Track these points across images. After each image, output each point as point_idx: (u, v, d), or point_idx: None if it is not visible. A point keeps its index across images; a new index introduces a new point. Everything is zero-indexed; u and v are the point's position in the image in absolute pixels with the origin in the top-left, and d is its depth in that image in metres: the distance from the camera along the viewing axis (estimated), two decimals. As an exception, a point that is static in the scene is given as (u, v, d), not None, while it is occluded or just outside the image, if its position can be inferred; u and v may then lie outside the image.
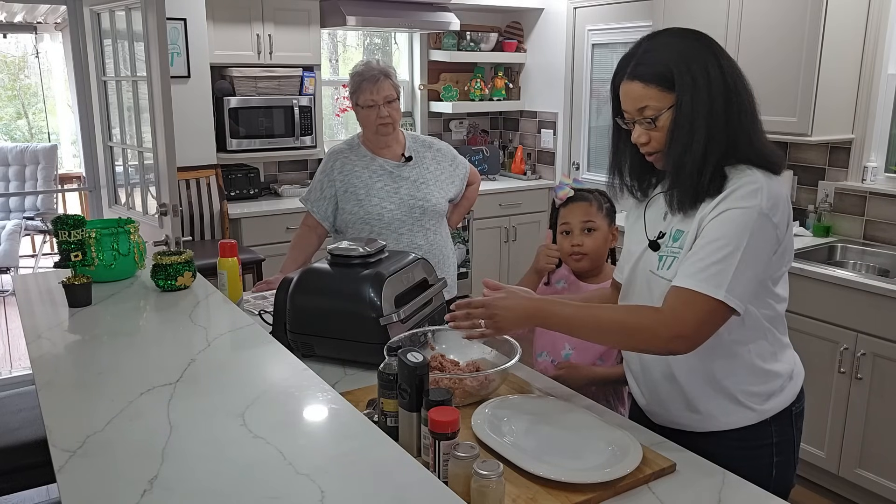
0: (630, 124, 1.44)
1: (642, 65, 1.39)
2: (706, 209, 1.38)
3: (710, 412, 1.50)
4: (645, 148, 1.44)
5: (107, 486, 1.12)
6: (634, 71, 1.40)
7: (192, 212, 4.18)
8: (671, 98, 1.37)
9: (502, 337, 1.77)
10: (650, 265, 1.49)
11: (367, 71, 2.41)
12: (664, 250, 1.46)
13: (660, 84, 1.37)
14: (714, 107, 1.36)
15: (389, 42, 5.35)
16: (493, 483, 1.16)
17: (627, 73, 1.41)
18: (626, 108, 1.43)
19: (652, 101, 1.38)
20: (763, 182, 1.35)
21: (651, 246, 1.50)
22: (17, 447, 2.17)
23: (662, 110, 1.38)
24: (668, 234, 1.47)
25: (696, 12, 3.63)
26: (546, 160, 5.21)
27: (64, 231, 2.00)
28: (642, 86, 1.38)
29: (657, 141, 1.42)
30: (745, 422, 1.49)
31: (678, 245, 1.43)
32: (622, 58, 1.44)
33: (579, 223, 1.94)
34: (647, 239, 1.52)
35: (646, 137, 1.42)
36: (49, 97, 8.30)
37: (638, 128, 1.42)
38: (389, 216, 2.43)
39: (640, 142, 1.43)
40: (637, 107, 1.40)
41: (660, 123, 1.39)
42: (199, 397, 1.44)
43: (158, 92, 3.09)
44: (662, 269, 1.45)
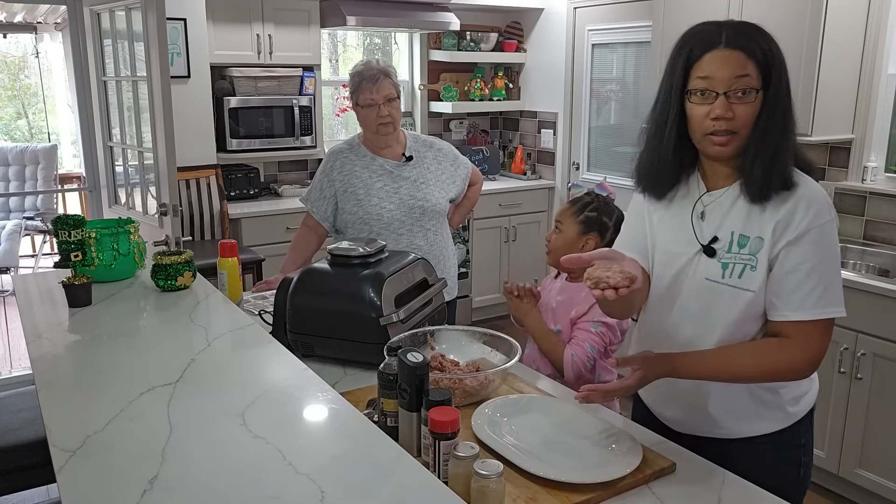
0: (710, 96, 1.34)
1: (743, 36, 1.33)
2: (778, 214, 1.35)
3: (746, 417, 1.48)
4: (724, 124, 1.34)
5: (107, 486, 1.12)
6: (736, 41, 1.33)
7: (192, 212, 4.18)
8: (760, 81, 1.33)
9: (502, 336, 1.78)
10: (707, 273, 1.43)
11: (367, 70, 2.40)
12: (729, 257, 1.40)
13: (759, 63, 1.32)
14: (789, 102, 1.36)
15: (389, 42, 5.35)
16: (493, 483, 1.16)
17: (724, 43, 1.33)
18: (718, 74, 1.33)
19: (751, 73, 1.32)
20: (822, 189, 1.38)
21: (706, 252, 1.43)
22: (17, 447, 2.17)
23: (757, 89, 1.33)
24: (728, 238, 1.41)
25: (696, 12, 3.63)
26: (546, 160, 5.21)
27: (64, 231, 2.00)
28: (744, 56, 1.32)
29: (741, 120, 1.33)
30: (779, 425, 1.48)
31: (748, 252, 1.38)
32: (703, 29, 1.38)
33: (555, 221, 2.03)
34: (700, 244, 1.44)
35: (731, 113, 1.33)
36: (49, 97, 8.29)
37: (723, 101, 1.33)
38: (389, 216, 2.43)
39: (725, 115, 1.33)
40: (737, 73, 1.32)
41: (749, 99, 1.33)
42: (199, 397, 1.44)
43: (158, 92, 3.09)
44: (730, 277, 1.40)
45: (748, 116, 1.34)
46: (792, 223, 1.35)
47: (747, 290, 1.38)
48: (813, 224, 1.34)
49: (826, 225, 1.35)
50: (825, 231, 1.35)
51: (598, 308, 1.89)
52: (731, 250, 1.40)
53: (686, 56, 1.37)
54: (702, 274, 1.43)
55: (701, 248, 1.44)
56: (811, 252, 1.34)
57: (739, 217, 1.40)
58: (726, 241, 1.41)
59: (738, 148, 1.37)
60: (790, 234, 1.35)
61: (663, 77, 1.43)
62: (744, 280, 1.38)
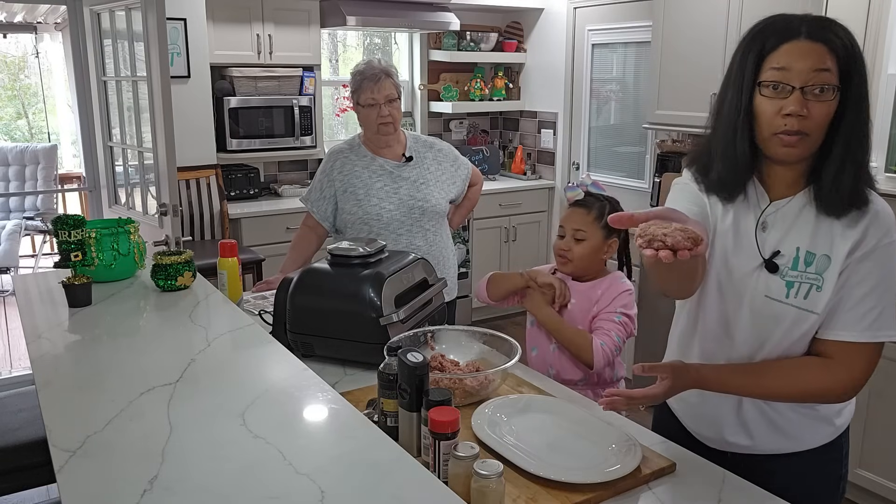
0: (786, 89, 1.23)
1: (826, 29, 1.23)
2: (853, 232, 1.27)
3: (791, 433, 1.42)
4: (796, 122, 1.22)
5: (107, 486, 1.12)
6: (818, 33, 1.22)
7: (192, 212, 4.18)
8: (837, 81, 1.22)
9: (502, 336, 1.78)
10: (768, 290, 1.33)
11: (369, 70, 2.40)
12: (794, 276, 1.31)
13: (840, 59, 1.22)
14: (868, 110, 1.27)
15: (389, 42, 5.35)
16: (493, 483, 1.16)
17: (804, 33, 1.23)
18: (796, 66, 1.22)
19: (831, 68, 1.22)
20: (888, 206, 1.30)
21: (768, 267, 1.33)
22: (17, 447, 2.17)
23: (836, 87, 1.22)
24: (793, 254, 1.31)
25: (696, 12, 3.63)
26: (546, 160, 5.21)
27: (64, 231, 2.00)
28: (826, 50, 1.22)
29: (815, 119, 1.22)
30: (826, 438, 1.43)
31: (814, 271, 1.29)
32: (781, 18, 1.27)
33: (572, 229, 1.94)
34: (762, 258, 1.34)
35: (805, 110, 1.22)
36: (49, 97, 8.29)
37: (798, 96, 1.21)
38: (388, 216, 2.43)
39: (798, 112, 1.21)
40: (817, 66, 1.21)
41: (826, 97, 1.22)
42: (199, 397, 1.44)
43: (158, 92, 3.09)
44: (796, 297, 1.31)
45: (823, 117, 1.23)
46: (863, 241, 1.27)
47: (812, 311, 1.30)
48: (881, 243, 1.27)
49: (892, 245, 1.28)
50: (891, 251, 1.28)
51: (620, 301, 1.89)
52: (796, 268, 1.31)
53: (760, 45, 1.26)
54: (762, 291, 1.34)
55: (763, 262, 1.34)
56: (874, 271, 1.27)
57: (805, 231, 1.30)
58: (790, 256, 1.31)
59: (807, 151, 1.27)
60: (859, 251, 1.27)
61: (730, 70, 1.32)
62: (809, 301, 1.29)
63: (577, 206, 1.97)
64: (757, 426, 1.43)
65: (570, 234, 1.94)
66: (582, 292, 1.95)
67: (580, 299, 1.94)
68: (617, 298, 1.91)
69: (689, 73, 3.71)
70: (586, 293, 1.95)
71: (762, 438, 1.44)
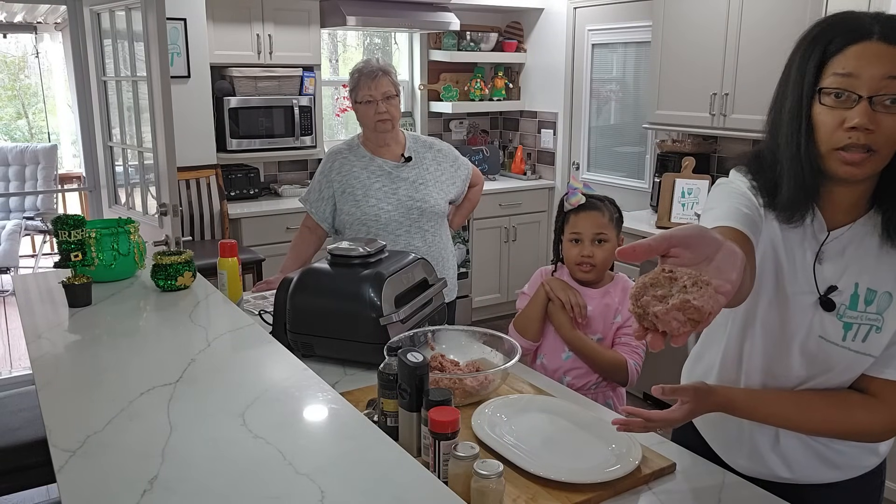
0: (851, 98, 1.07)
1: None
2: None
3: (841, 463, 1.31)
4: (862, 137, 1.06)
5: (107, 486, 1.12)
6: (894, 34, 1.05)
7: (192, 212, 4.18)
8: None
9: (502, 336, 1.78)
10: (823, 330, 1.19)
11: (367, 68, 2.42)
12: (854, 316, 1.17)
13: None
14: None
15: (389, 42, 5.35)
16: (493, 483, 1.16)
17: (877, 34, 1.06)
18: (864, 72, 1.05)
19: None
20: None
21: (824, 305, 1.18)
22: (17, 447, 2.17)
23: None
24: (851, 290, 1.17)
25: (696, 12, 3.63)
26: (546, 160, 5.21)
27: (64, 231, 1.99)
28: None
29: (886, 135, 1.06)
30: (870, 467, 1.33)
31: (875, 310, 1.15)
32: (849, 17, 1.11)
33: (591, 234, 1.90)
34: (818, 293, 1.19)
35: (873, 124, 1.05)
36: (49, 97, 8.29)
37: (865, 107, 1.05)
38: (387, 217, 2.43)
39: (861, 124, 1.05)
40: (891, 73, 1.04)
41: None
42: (199, 397, 1.44)
43: (158, 92, 3.09)
44: (853, 341, 1.17)
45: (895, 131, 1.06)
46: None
47: (869, 355, 1.18)
48: None
49: None
50: None
51: None
52: (856, 307, 1.16)
53: (824, 46, 1.09)
54: (817, 331, 1.20)
55: (819, 297, 1.19)
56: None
57: (867, 264, 1.16)
58: (848, 293, 1.17)
59: (873, 170, 1.10)
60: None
61: (788, 74, 1.17)
62: (868, 345, 1.17)
63: (588, 209, 1.92)
64: (797, 457, 1.33)
65: (589, 238, 1.90)
66: (596, 298, 1.94)
67: (596, 305, 1.93)
68: None
69: (689, 73, 3.71)
70: (601, 299, 1.94)
71: (803, 470, 1.33)
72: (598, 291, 1.95)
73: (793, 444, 1.32)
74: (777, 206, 1.18)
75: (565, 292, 1.90)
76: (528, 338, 1.97)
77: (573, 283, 1.98)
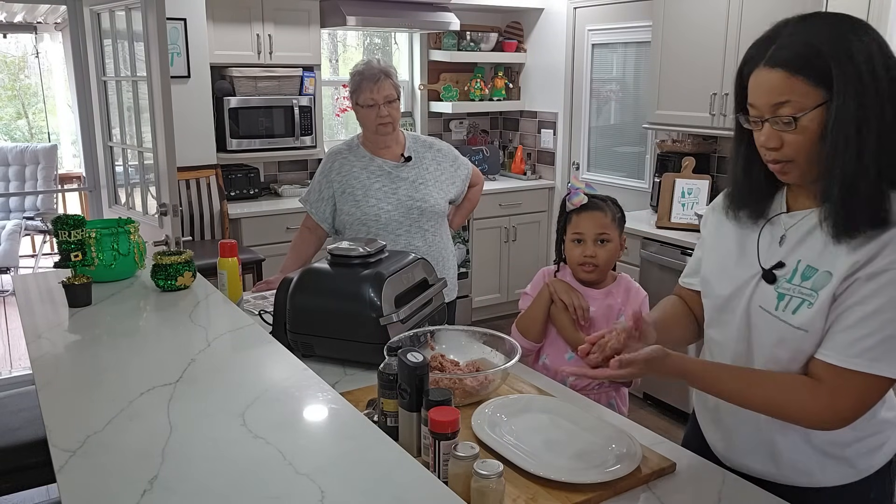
0: (757, 123, 1.18)
1: (787, 48, 1.13)
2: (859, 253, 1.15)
3: (801, 467, 1.32)
4: (772, 154, 1.18)
5: (107, 486, 1.12)
6: (776, 56, 1.14)
7: (192, 212, 4.18)
8: (820, 94, 1.12)
9: (502, 336, 1.78)
10: (762, 300, 1.27)
11: (368, 70, 2.40)
12: (787, 288, 1.23)
13: (809, 75, 1.11)
14: (883, 110, 1.11)
15: (389, 42, 5.35)
16: (493, 483, 1.16)
17: (766, 59, 1.15)
18: (757, 101, 1.17)
19: (795, 95, 1.13)
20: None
21: (765, 277, 1.26)
22: (17, 447, 2.17)
23: (807, 108, 1.12)
24: (793, 267, 1.23)
25: (696, 13, 3.63)
26: (546, 160, 5.21)
27: (64, 231, 2.00)
28: (785, 75, 1.13)
29: (793, 148, 1.16)
30: (843, 480, 1.31)
31: (810, 287, 1.20)
32: (756, 42, 1.19)
33: (593, 234, 1.90)
34: (761, 267, 1.28)
35: (777, 141, 1.16)
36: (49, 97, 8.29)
37: (768, 129, 1.17)
38: (387, 217, 2.42)
39: (768, 146, 1.18)
40: (773, 101, 1.14)
41: (801, 124, 1.13)
42: (199, 397, 1.44)
43: (158, 92, 3.09)
44: (784, 311, 1.23)
45: (800, 143, 1.15)
46: (872, 261, 1.14)
47: (798, 328, 1.21)
48: (892, 266, 1.13)
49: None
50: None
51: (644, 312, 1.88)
52: (791, 280, 1.23)
53: (740, 72, 1.21)
54: (754, 299, 1.28)
55: (761, 271, 1.28)
56: (878, 294, 1.13)
57: (815, 247, 1.22)
58: (790, 268, 1.24)
59: (802, 176, 1.19)
60: (863, 272, 1.15)
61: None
62: (797, 317, 1.21)
63: (591, 209, 1.92)
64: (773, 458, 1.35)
65: (592, 239, 1.90)
66: (599, 299, 1.94)
67: (598, 306, 1.93)
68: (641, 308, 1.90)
69: (689, 73, 3.71)
70: (603, 300, 1.94)
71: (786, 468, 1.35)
72: (601, 292, 1.95)
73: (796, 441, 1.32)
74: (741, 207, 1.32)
75: (568, 294, 1.90)
76: (530, 338, 1.97)
77: (576, 283, 1.97)
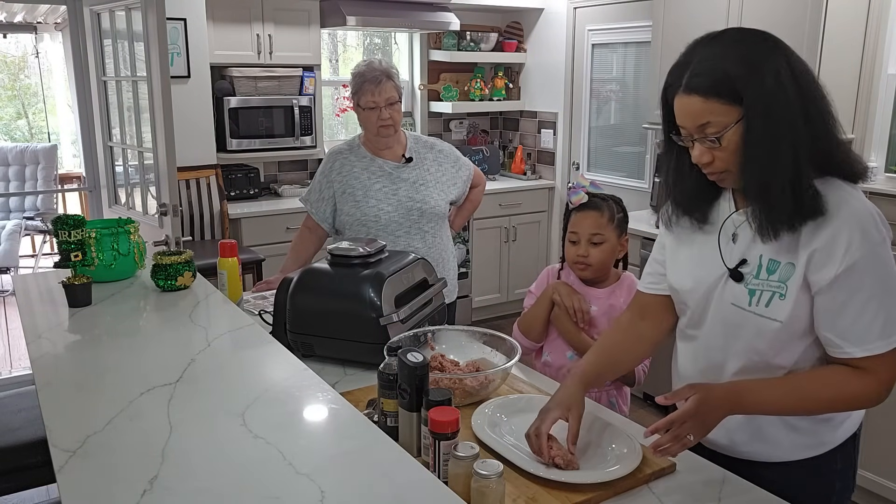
0: (689, 142, 1.27)
1: (699, 75, 1.22)
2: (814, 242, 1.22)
3: (779, 442, 1.39)
4: (708, 168, 1.27)
5: (107, 486, 1.12)
6: (691, 83, 1.22)
7: (192, 212, 4.18)
8: (737, 111, 1.20)
9: (502, 336, 1.78)
10: (734, 298, 1.33)
11: (370, 72, 2.38)
12: (756, 284, 1.30)
13: (723, 96, 1.20)
14: (793, 115, 1.19)
15: (389, 42, 5.35)
16: (493, 483, 1.16)
17: (683, 86, 1.24)
18: (684, 123, 1.26)
19: (714, 115, 1.21)
20: (868, 206, 1.24)
21: (733, 276, 1.33)
22: (17, 447, 2.17)
23: (729, 126, 1.21)
24: (756, 263, 1.30)
25: (696, 12, 3.63)
26: (546, 160, 5.21)
27: (64, 231, 2.00)
28: (701, 100, 1.21)
29: (723, 161, 1.25)
30: (814, 452, 1.39)
31: (777, 279, 1.27)
32: (673, 66, 1.28)
33: (587, 234, 1.90)
34: (726, 267, 1.34)
35: (709, 157, 1.25)
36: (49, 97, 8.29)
37: (699, 146, 1.25)
38: (387, 218, 2.42)
39: (702, 162, 1.26)
40: (697, 123, 1.23)
41: (725, 141, 1.22)
42: (199, 397, 1.44)
43: (158, 92, 3.09)
44: (757, 305, 1.29)
45: (728, 156, 1.24)
46: (835, 253, 1.21)
47: (774, 319, 1.28)
48: (861, 251, 1.20)
49: (876, 248, 1.21)
50: (877, 254, 1.21)
51: None
52: (759, 276, 1.30)
53: (664, 97, 1.30)
54: (725, 298, 1.34)
55: (727, 271, 1.34)
56: (864, 281, 1.21)
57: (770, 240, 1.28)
58: (755, 265, 1.30)
59: (738, 181, 1.28)
60: (836, 266, 1.21)
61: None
62: (771, 309, 1.28)
63: (588, 209, 1.92)
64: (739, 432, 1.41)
65: (585, 239, 1.90)
66: (601, 298, 1.94)
67: (601, 305, 1.93)
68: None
69: (689, 73, 3.70)
70: (605, 299, 1.94)
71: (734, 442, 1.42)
72: (604, 291, 1.95)
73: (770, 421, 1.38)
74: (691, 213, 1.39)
75: (570, 298, 1.90)
76: (531, 338, 1.97)
77: (579, 282, 1.97)
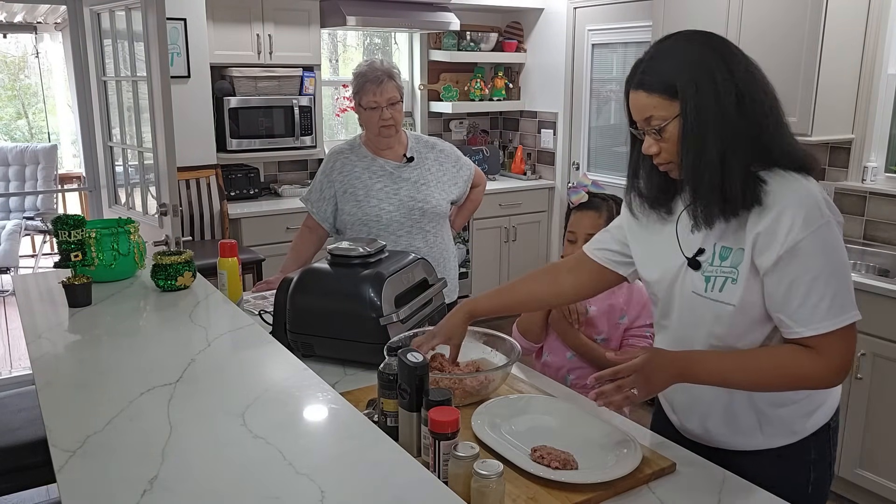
0: (641, 134, 1.38)
1: (647, 73, 1.34)
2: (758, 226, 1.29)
3: (748, 432, 1.44)
4: (657, 159, 1.38)
5: (107, 486, 1.12)
6: (640, 80, 1.35)
7: (192, 212, 4.18)
8: (675, 107, 1.31)
9: (502, 336, 1.78)
10: (692, 286, 1.40)
11: (371, 72, 2.38)
12: (711, 270, 1.37)
13: (663, 93, 1.31)
14: (724, 112, 1.28)
15: (389, 42, 5.35)
16: (493, 483, 1.16)
17: (634, 82, 1.36)
18: (635, 117, 1.37)
19: (657, 110, 1.32)
20: (813, 190, 1.29)
21: (691, 265, 1.40)
22: (17, 447, 2.17)
23: (668, 120, 1.32)
24: (711, 251, 1.37)
25: (696, 12, 3.63)
26: (546, 160, 5.21)
27: (64, 231, 2.00)
28: (646, 95, 1.33)
29: (667, 152, 1.35)
30: (785, 441, 1.44)
31: (729, 264, 1.34)
32: (633, 64, 1.38)
33: (584, 233, 1.90)
34: (685, 257, 1.41)
35: (656, 148, 1.36)
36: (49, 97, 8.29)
37: (648, 138, 1.36)
38: (388, 217, 2.42)
39: (650, 152, 1.37)
40: (643, 116, 1.35)
41: (666, 134, 1.33)
42: (199, 397, 1.44)
43: (158, 92, 3.09)
44: (712, 291, 1.36)
45: (670, 148, 1.34)
46: (777, 236, 1.27)
47: (728, 303, 1.34)
48: (803, 233, 1.26)
49: (820, 230, 1.27)
50: (820, 236, 1.27)
51: (647, 314, 1.91)
52: (713, 263, 1.37)
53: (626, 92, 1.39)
54: (686, 286, 1.41)
55: (686, 260, 1.40)
56: (809, 262, 1.27)
57: (719, 228, 1.35)
58: (710, 253, 1.37)
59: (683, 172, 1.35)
60: (779, 247, 1.27)
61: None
62: (724, 294, 1.34)
63: (586, 209, 1.92)
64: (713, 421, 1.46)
65: (582, 238, 1.90)
66: (601, 299, 1.93)
67: (600, 306, 1.94)
68: (643, 312, 1.91)
69: (689, 73, 3.70)
70: (605, 300, 1.94)
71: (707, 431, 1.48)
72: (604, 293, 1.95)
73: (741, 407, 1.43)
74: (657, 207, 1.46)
75: None
76: (530, 339, 1.97)
77: None
